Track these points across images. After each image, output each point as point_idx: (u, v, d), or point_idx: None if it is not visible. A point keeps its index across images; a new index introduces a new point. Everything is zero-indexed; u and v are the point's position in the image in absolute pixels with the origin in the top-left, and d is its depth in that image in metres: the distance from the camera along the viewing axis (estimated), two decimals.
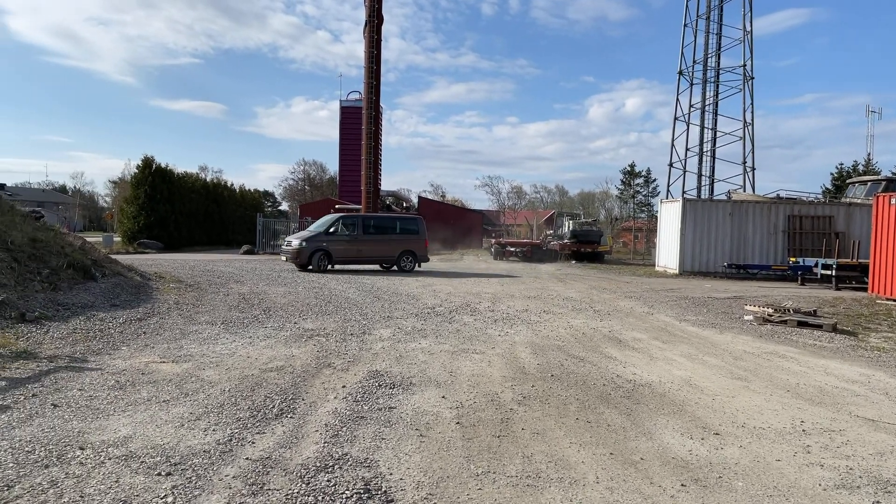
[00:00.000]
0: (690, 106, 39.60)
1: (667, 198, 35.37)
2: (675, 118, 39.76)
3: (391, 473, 3.62)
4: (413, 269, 19.93)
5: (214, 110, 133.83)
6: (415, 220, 21.31)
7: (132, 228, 31.97)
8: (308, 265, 18.28)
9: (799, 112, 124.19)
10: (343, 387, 5.52)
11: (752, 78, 37.64)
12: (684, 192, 38.64)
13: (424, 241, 20.46)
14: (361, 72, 30.72)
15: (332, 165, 64.46)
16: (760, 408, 5.28)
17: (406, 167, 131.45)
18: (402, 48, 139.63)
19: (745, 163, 37.62)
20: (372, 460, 3.81)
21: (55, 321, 7.85)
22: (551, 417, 4.84)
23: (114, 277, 11.29)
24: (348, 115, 47.12)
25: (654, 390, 5.77)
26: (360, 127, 32.45)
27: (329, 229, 18.86)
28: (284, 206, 73.56)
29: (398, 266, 19.71)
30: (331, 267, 18.63)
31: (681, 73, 39.44)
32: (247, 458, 3.76)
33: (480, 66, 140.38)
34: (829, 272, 17.89)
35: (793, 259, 20.38)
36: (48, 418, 4.38)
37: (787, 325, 10.00)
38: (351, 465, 3.72)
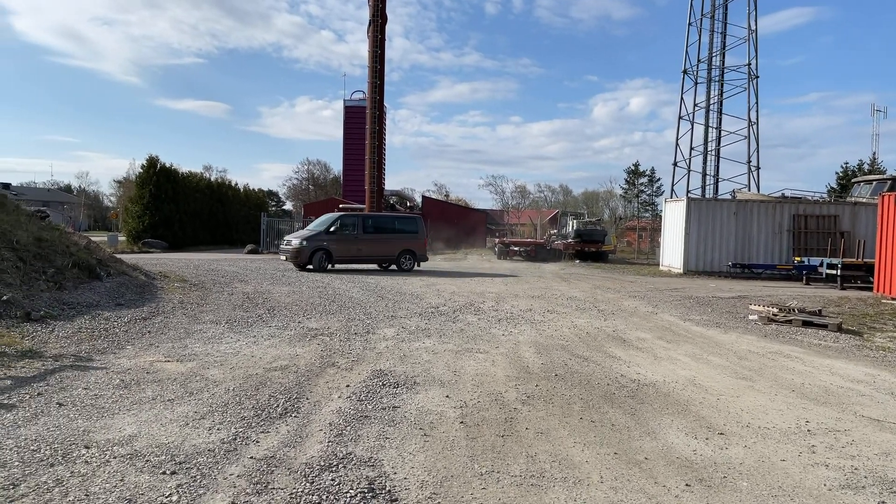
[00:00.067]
0: (695, 105, 39.61)
1: (671, 197, 35.32)
2: (680, 117, 39.75)
3: (395, 473, 3.63)
4: (412, 268, 19.83)
5: (219, 110, 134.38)
6: (414, 219, 21.26)
7: (137, 228, 32.08)
8: (308, 264, 18.08)
9: (804, 111, 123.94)
10: (347, 386, 5.53)
11: (756, 77, 37.62)
12: (689, 191, 38.59)
13: (424, 240, 20.42)
14: (365, 71, 30.73)
15: (336, 165, 64.56)
16: (765, 407, 5.26)
17: (410, 167, 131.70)
18: (406, 48, 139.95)
19: (750, 162, 37.62)
20: (376, 459, 3.81)
21: (60, 320, 7.88)
22: (555, 417, 4.83)
23: (118, 277, 11.33)
24: (352, 115, 47.11)
25: (659, 390, 5.76)
26: (364, 126, 32.45)
27: (329, 228, 18.64)
28: (288, 206, 73.76)
29: (397, 265, 19.59)
30: (331, 266, 18.49)
31: (685, 71, 39.38)
32: (251, 457, 3.77)
33: (484, 66, 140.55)
34: (834, 272, 17.83)
35: (798, 258, 20.34)
36: (53, 417, 4.40)
37: (791, 324, 9.97)
38: (355, 464, 3.73)
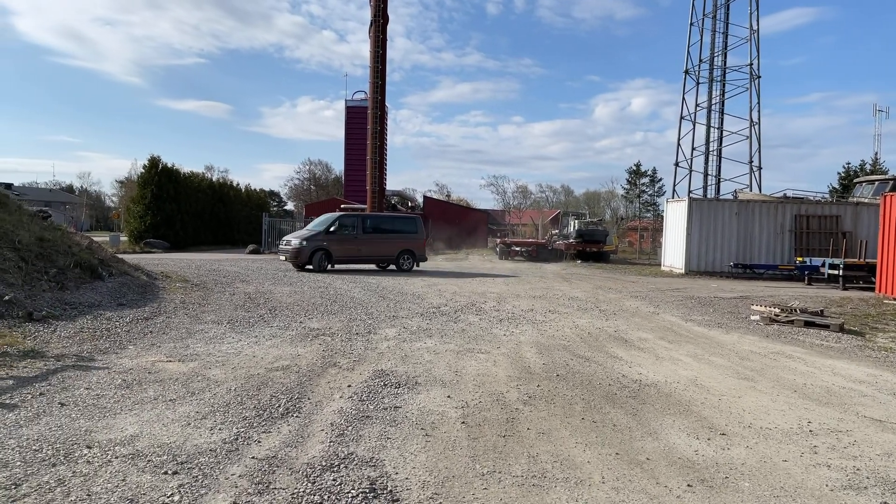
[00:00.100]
0: (697, 105, 39.54)
1: (672, 197, 35.26)
2: (682, 117, 39.66)
3: (397, 473, 3.62)
4: (412, 268, 19.78)
5: (220, 110, 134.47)
6: (413, 219, 21.22)
7: (139, 228, 32.13)
8: (308, 265, 17.95)
9: (806, 111, 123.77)
10: (349, 386, 5.53)
11: (758, 77, 37.54)
12: (690, 191, 38.54)
13: (423, 240, 20.39)
14: (367, 71, 30.85)
15: (338, 165, 64.65)
16: (767, 408, 5.26)
17: (411, 167, 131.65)
18: (408, 48, 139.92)
19: (752, 162, 37.54)
20: (377, 460, 3.81)
21: (62, 320, 7.89)
22: (557, 417, 4.83)
23: (120, 277, 11.35)
24: (354, 115, 47.17)
25: (660, 390, 5.75)
26: (366, 126, 32.49)
27: (329, 228, 18.52)
28: (290, 206, 73.82)
29: (397, 265, 19.53)
30: (330, 267, 18.39)
31: (687, 72, 39.32)
32: (253, 457, 3.77)
33: (486, 66, 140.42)
34: (836, 272, 17.79)
35: (800, 259, 20.30)
36: (55, 417, 4.41)
37: (793, 325, 9.95)
38: (357, 464, 3.73)
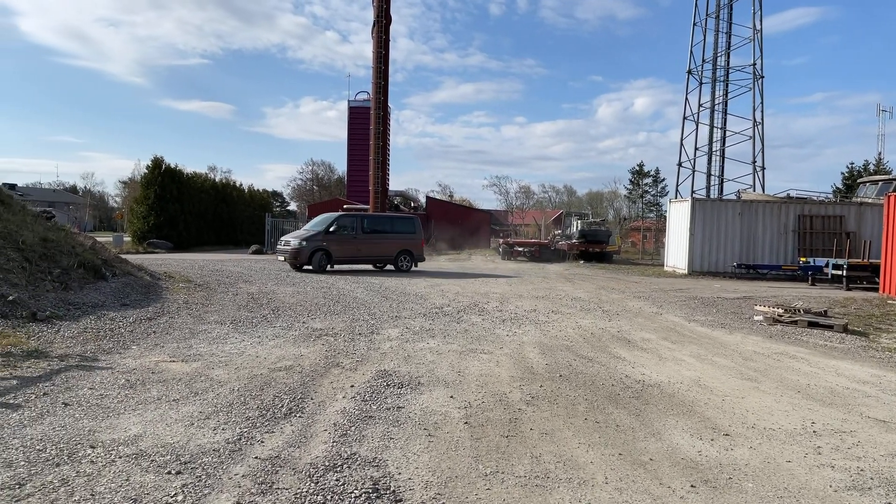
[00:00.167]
0: (700, 105, 39.47)
1: (676, 197, 35.18)
2: (685, 117, 39.59)
3: (400, 473, 3.63)
4: (410, 268, 19.76)
5: (223, 110, 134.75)
6: (411, 219, 21.21)
7: (142, 228, 32.17)
8: (307, 265, 17.83)
9: (809, 111, 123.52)
10: (351, 386, 5.54)
11: (761, 77, 37.43)
12: (693, 191, 38.47)
13: (421, 240, 20.43)
14: (370, 72, 30.86)
15: (341, 165, 64.73)
16: (770, 408, 5.24)
17: (414, 167, 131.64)
18: (411, 48, 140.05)
19: (755, 162, 37.43)
20: (380, 460, 3.81)
21: (66, 320, 7.91)
22: (560, 418, 4.83)
23: (124, 277, 11.37)
24: (356, 116, 47.15)
25: (664, 391, 5.75)
26: (369, 127, 32.51)
27: (329, 228, 18.39)
28: (293, 207, 73.88)
29: (395, 265, 19.51)
30: (330, 267, 18.31)
31: (690, 72, 39.26)
32: (256, 457, 3.77)
33: (488, 66, 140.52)
34: (839, 272, 17.75)
35: (803, 259, 20.24)
36: (59, 417, 4.42)
37: (797, 325, 9.93)
38: (360, 464, 3.73)
